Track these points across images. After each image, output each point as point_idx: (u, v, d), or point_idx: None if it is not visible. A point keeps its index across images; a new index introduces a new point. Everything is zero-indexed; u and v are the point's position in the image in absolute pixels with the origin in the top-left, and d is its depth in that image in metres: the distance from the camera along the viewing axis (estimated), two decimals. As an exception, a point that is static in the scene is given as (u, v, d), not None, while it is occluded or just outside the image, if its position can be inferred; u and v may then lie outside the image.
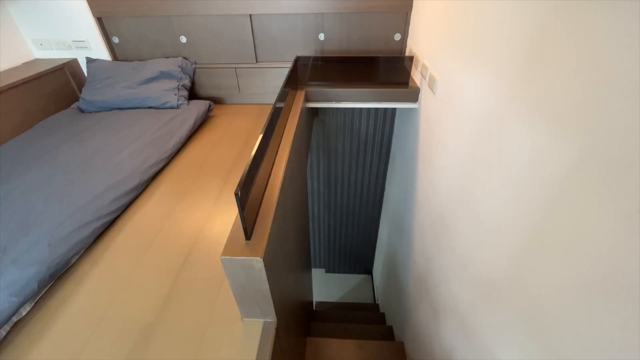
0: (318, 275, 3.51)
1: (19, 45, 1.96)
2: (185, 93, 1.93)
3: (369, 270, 3.50)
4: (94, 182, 1.25)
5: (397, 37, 1.80)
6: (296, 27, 1.84)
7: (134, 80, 1.88)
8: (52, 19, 1.90)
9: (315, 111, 2.28)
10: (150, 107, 1.86)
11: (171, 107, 1.85)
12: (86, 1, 1.82)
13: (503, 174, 0.75)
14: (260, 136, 0.82)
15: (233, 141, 1.67)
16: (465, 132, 0.96)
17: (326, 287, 3.41)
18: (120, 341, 0.81)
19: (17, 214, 1.10)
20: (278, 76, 2.00)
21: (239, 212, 0.65)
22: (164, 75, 1.90)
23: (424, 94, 1.43)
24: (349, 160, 2.47)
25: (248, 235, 0.71)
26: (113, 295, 0.93)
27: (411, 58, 1.58)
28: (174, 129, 1.65)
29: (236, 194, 0.62)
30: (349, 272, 3.52)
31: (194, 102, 1.90)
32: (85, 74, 2.06)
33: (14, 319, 0.85)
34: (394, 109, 2.15)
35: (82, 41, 1.97)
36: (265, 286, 0.74)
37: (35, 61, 2.01)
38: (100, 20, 1.91)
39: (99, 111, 1.86)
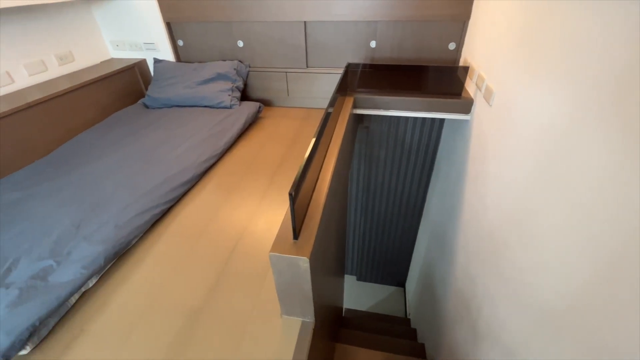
0: (349, 282, 3.48)
1: (100, 46, 2.20)
2: (238, 94, 2.03)
3: (401, 283, 3.40)
4: (155, 172, 1.36)
5: (452, 46, 1.75)
6: (348, 34, 1.87)
7: (194, 80, 2.02)
8: (129, 23, 2.11)
9: (360, 117, 2.28)
10: (205, 106, 1.99)
11: (224, 107, 1.96)
12: (159, 7, 2.01)
13: (572, 197, 0.69)
14: (313, 140, 0.84)
15: (279, 143, 1.73)
16: (527, 148, 0.91)
17: (356, 295, 3.37)
18: (170, 321, 0.88)
19: (90, 196, 1.23)
20: (326, 81, 2.03)
21: (291, 211, 0.68)
22: (220, 77, 2.02)
23: (478, 105, 1.37)
24: (390, 168, 2.44)
25: (296, 234, 0.73)
26: (166, 277, 1.00)
27: (466, 68, 1.52)
28: (226, 128, 1.74)
29: (290, 194, 0.64)
30: (381, 283, 3.45)
31: (245, 103, 2.00)
32: (152, 73, 2.26)
33: (83, 289, 0.95)
34: (442, 119, 2.09)
35: (152, 43, 2.17)
36: (308, 286, 0.76)
37: (111, 60, 2.24)
38: (169, 25, 2.08)
39: (161, 107, 2.02)
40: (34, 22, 1.75)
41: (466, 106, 1.46)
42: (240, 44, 2.06)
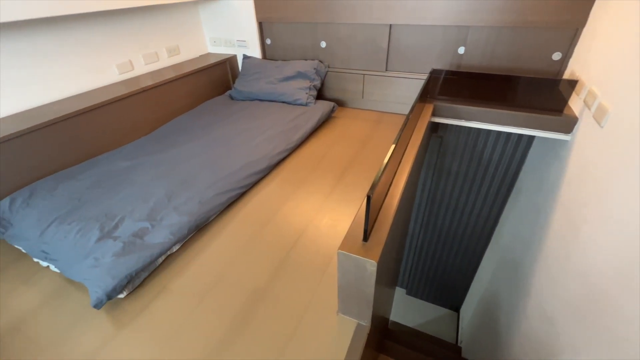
0: (397, 295, 3.36)
1: (201, 41, 2.47)
2: (315, 93, 2.10)
3: (455, 307, 3.16)
4: (235, 158, 1.48)
5: (556, 56, 1.55)
6: (435, 39, 1.79)
7: (276, 77, 2.15)
8: (227, 21, 2.33)
9: (434, 126, 2.17)
10: (283, 102, 2.10)
11: (300, 104, 2.04)
12: (254, 8, 2.17)
13: None
14: (393, 146, 0.83)
15: (349, 144, 1.74)
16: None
17: (404, 309, 3.24)
18: (236, 295, 0.95)
19: (180, 173, 1.39)
20: (404, 86, 1.98)
21: (366, 213, 0.68)
22: (300, 75, 2.11)
23: (584, 125, 1.20)
24: (461, 184, 2.27)
25: (366, 237, 0.73)
26: (235, 255, 1.09)
27: (572, 82, 1.34)
28: (300, 124, 1.82)
29: (368, 196, 0.64)
30: (432, 302, 3.25)
31: (320, 102, 2.06)
32: (239, 68, 2.46)
33: (168, 252, 1.08)
34: (531, 137, 1.87)
35: (244, 41, 2.36)
36: (370, 290, 0.75)
37: (208, 55, 2.50)
38: (260, 24, 2.24)
39: (244, 100, 2.19)
40: (153, 18, 2.04)
41: (568, 125, 1.28)
42: (323, 44, 2.12)
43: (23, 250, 1.12)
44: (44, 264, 1.08)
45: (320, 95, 2.25)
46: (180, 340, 0.84)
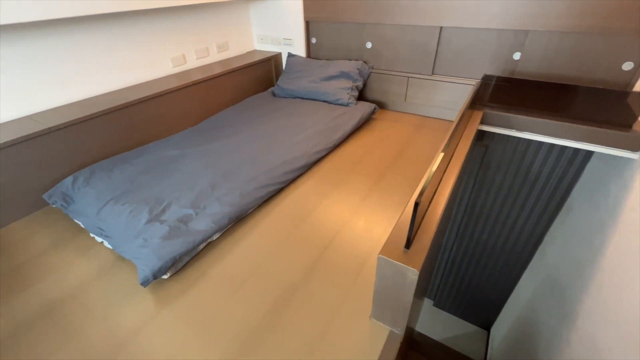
0: (424, 306, 3.26)
1: (249, 39, 2.55)
2: (356, 94, 2.09)
3: (485, 325, 3.00)
4: (275, 154, 1.52)
5: (627, 66, 1.41)
6: (488, 44, 1.70)
7: (319, 76, 2.16)
8: (275, 19, 2.38)
9: (479, 134, 2.07)
10: (324, 101, 2.11)
11: (341, 104, 2.04)
12: (302, 7, 2.20)
13: None
14: (442, 155, 0.81)
15: (389, 147, 1.71)
16: None
17: (429, 320, 3.13)
18: (270, 287, 0.97)
19: (223, 165, 1.45)
20: (450, 91, 1.91)
21: (411, 220, 0.66)
22: (343, 75, 2.11)
23: (657, 143, 1.09)
24: (504, 197, 2.15)
25: (409, 244, 0.71)
26: (271, 248, 1.11)
27: (646, 95, 1.22)
28: (340, 124, 1.81)
29: (416, 204, 0.63)
30: (461, 317, 3.11)
31: (361, 103, 2.04)
32: (283, 66, 2.51)
33: (209, 240, 1.13)
34: (589, 152, 1.72)
35: (290, 39, 2.40)
36: (409, 298, 0.73)
37: (254, 52, 2.57)
38: (307, 23, 2.27)
39: (286, 97, 2.23)
40: (207, 15, 2.14)
41: (636, 142, 1.16)
42: (369, 45, 2.10)
43: (82, 225, 1.23)
44: (99, 239, 1.18)
45: (361, 96, 2.23)
46: (215, 326, 0.88)
